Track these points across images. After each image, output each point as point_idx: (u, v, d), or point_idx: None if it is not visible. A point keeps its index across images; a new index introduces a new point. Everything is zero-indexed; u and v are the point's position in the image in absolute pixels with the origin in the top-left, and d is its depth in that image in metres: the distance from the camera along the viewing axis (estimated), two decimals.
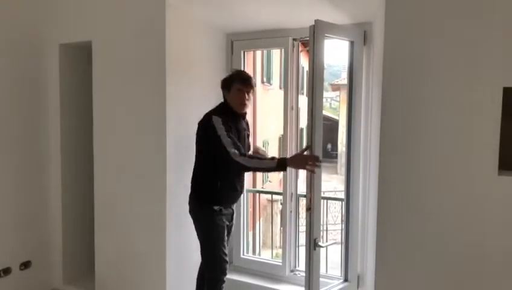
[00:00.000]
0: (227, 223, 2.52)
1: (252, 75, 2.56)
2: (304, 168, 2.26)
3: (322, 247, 2.39)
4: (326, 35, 2.39)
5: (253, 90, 2.49)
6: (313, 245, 2.33)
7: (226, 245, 2.47)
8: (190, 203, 2.49)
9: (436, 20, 1.90)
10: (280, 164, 2.22)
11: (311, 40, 2.30)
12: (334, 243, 2.43)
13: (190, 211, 2.49)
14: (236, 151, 2.24)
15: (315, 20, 2.29)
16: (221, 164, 2.33)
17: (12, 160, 2.93)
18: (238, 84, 2.40)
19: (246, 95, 2.42)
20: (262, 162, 2.28)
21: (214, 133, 2.26)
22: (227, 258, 2.47)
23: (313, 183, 2.31)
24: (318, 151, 2.30)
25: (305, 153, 2.31)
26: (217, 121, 2.28)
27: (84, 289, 3.13)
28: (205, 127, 2.35)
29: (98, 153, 2.92)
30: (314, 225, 2.34)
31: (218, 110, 2.41)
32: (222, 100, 2.50)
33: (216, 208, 2.40)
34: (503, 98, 1.82)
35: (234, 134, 2.33)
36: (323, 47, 2.36)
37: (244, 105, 2.43)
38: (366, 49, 2.69)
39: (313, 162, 2.20)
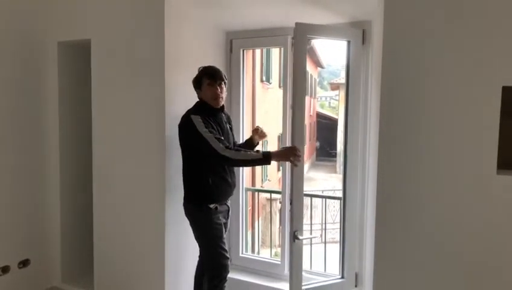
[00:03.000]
0: (224, 220, 2.53)
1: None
2: (288, 160, 2.37)
3: (300, 239, 2.46)
4: (313, 36, 2.49)
5: (225, 83, 2.49)
6: (292, 237, 2.45)
7: (225, 242, 2.48)
8: (185, 206, 2.50)
9: (436, 20, 1.90)
10: (265, 157, 2.28)
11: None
12: (314, 237, 2.54)
13: (186, 214, 2.50)
14: (221, 145, 2.26)
15: (296, 23, 2.35)
16: (208, 160, 2.35)
17: (11, 158, 2.92)
18: (206, 79, 2.42)
19: (218, 88, 2.43)
20: (248, 155, 2.31)
21: (196, 132, 2.27)
22: (228, 255, 2.48)
23: (293, 177, 2.44)
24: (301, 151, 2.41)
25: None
26: (196, 120, 2.30)
27: (82, 288, 3.13)
28: (185, 127, 2.36)
29: (97, 152, 2.92)
30: (294, 218, 2.47)
31: (196, 109, 2.41)
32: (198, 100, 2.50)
33: (212, 206, 2.41)
34: (502, 97, 1.82)
35: (216, 129, 2.37)
36: (304, 50, 2.45)
37: (218, 98, 2.43)
38: (365, 48, 2.69)
39: (295, 154, 2.30)
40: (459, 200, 1.92)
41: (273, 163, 2.44)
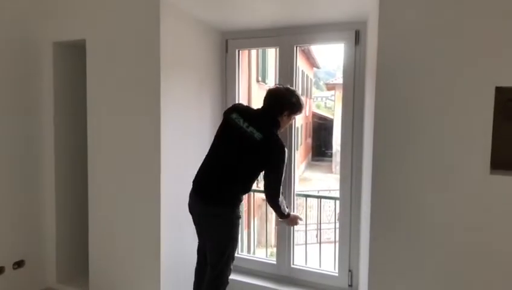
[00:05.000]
0: None
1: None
2: (293, 225, 2.75)
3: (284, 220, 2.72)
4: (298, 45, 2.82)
5: None
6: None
7: None
8: (225, 209, 2.35)
9: (430, 20, 1.92)
10: (287, 216, 2.54)
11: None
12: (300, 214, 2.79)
13: (225, 218, 2.36)
14: (281, 191, 2.40)
15: None
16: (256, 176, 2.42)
17: (6, 159, 2.91)
18: (297, 114, 2.54)
19: None
20: (283, 208, 2.48)
21: (280, 167, 2.32)
22: None
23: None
24: None
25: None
26: (286, 157, 2.34)
27: (77, 288, 3.12)
28: (278, 154, 2.31)
29: (92, 152, 2.91)
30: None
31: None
32: (267, 115, 2.41)
33: (241, 210, 2.46)
34: (495, 97, 1.84)
35: None
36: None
37: None
38: (359, 48, 2.71)
39: (297, 222, 2.68)
40: (452, 200, 1.94)
41: None
